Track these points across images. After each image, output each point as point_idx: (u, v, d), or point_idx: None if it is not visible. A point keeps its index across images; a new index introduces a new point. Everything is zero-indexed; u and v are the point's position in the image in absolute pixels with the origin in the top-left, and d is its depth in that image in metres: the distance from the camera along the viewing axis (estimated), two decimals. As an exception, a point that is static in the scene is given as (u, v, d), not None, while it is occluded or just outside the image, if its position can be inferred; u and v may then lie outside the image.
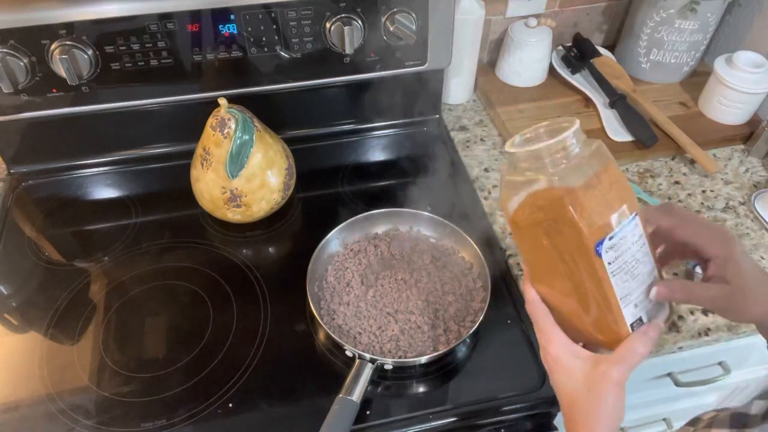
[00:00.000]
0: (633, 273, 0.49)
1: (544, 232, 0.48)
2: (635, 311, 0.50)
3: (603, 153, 0.48)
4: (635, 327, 0.50)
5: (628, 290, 0.49)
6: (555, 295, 0.52)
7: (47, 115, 0.86)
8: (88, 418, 0.67)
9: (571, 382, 0.50)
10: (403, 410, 0.69)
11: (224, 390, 0.70)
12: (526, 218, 0.49)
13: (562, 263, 0.48)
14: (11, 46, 0.77)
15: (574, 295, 0.50)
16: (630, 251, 0.48)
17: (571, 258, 0.47)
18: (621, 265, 0.48)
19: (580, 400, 0.49)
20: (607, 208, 0.46)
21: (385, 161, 1.02)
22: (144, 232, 0.88)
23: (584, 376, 0.49)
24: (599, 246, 0.46)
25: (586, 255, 0.46)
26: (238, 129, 0.78)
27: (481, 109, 1.11)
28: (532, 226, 0.49)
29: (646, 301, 0.51)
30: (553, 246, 0.48)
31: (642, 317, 0.51)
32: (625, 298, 0.49)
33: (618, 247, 0.47)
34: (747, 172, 0.98)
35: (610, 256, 0.46)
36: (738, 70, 0.97)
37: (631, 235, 0.48)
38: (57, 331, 0.76)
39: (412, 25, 0.85)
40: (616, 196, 0.47)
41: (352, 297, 0.76)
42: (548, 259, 0.49)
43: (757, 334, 0.78)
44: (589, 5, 1.13)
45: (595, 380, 0.48)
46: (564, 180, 0.45)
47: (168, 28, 0.80)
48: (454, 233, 0.82)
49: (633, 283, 0.49)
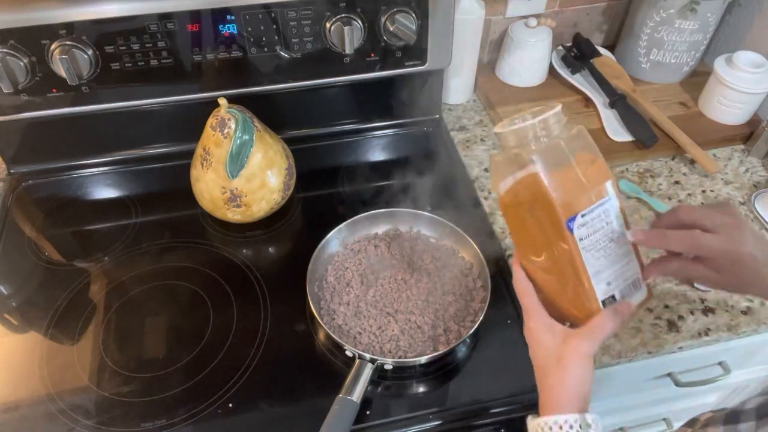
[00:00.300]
0: (606, 252, 0.52)
1: (527, 209, 0.51)
2: (607, 289, 0.52)
3: (583, 136, 0.51)
4: (607, 304, 0.52)
5: (600, 267, 0.51)
6: (538, 273, 0.55)
7: (47, 115, 0.86)
8: (88, 418, 0.67)
9: (545, 353, 0.54)
10: (403, 410, 0.69)
11: (224, 390, 0.70)
12: (512, 197, 0.52)
13: (542, 239, 0.52)
14: (11, 46, 0.77)
15: (554, 272, 0.53)
16: (603, 231, 0.51)
17: (548, 234, 0.51)
18: (593, 243, 0.51)
19: (551, 370, 0.52)
20: (581, 188, 0.49)
21: (385, 161, 1.02)
22: (144, 232, 0.88)
23: (555, 348, 0.53)
24: (571, 222, 0.49)
25: (560, 230, 0.49)
26: (238, 129, 0.78)
27: (481, 109, 1.11)
28: (518, 204, 0.52)
29: (621, 282, 0.53)
30: (535, 223, 0.51)
31: (615, 295, 0.53)
32: (596, 274, 0.51)
33: (591, 225, 0.50)
34: (747, 172, 0.98)
35: (581, 232, 0.50)
36: (738, 70, 0.97)
37: (605, 215, 0.51)
38: (57, 331, 0.76)
39: (412, 25, 0.85)
40: (592, 177, 0.50)
41: (352, 297, 0.76)
42: (531, 236, 0.53)
43: (757, 334, 0.78)
44: (589, 5, 1.13)
45: (564, 352, 0.52)
46: (543, 157, 0.49)
47: (168, 28, 0.80)
48: (454, 233, 0.82)
49: (605, 261, 0.52)
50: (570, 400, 0.51)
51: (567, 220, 0.49)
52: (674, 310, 0.78)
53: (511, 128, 0.50)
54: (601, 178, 0.50)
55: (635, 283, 0.54)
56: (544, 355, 0.54)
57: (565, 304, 0.54)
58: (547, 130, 0.50)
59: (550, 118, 0.50)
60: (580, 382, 0.51)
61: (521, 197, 0.51)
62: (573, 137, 0.50)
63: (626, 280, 0.54)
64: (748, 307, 0.78)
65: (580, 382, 0.51)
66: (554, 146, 0.49)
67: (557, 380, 0.52)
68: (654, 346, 0.75)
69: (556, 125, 0.50)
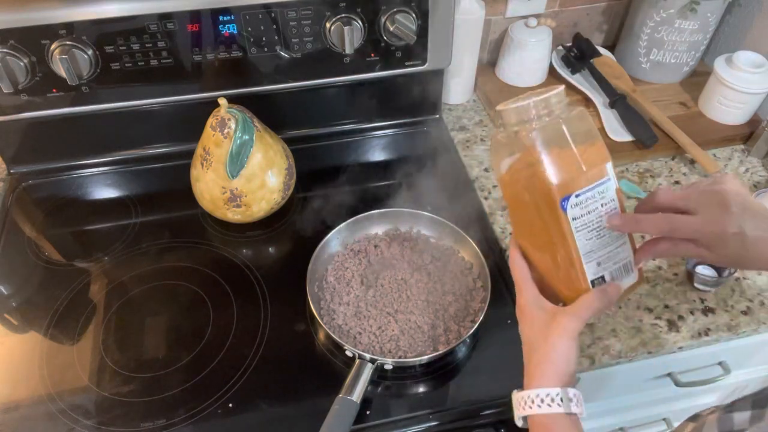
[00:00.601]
0: (599, 233, 0.52)
1: (524, 186, 0.52)
2: (597, 269, 0.53)
3: (583, 118, 0.52)
4: (596, 284, 0.53)
5: (591, 248, 0.52)
6: (533, 252, 0.56)
7: (47, 115, 0.86)
8: (88, 418, 0.67)
9: (532, 330, 0.55)
10: (403, 410, 0.69)
11: (224, 390, 0.70)
12: (511, 176, 0.53)
13: (537, 218, 0.52)
14: (11, 46, 0.77)
15: (547, 251, 0.54)
16: (597, 212, 0.52)
17: (543, 212, 0.51)
18: (586, 223, 0.51)
19: (537, 346, 0.54)
20: (577, 168, 0.50)
21: (385, 161, 1.02)
22: (144, 232, 0.88)
23: (543, 325, 0.54)
24: (564, 201, 0.50)
25: (553, 209, 0.50)
26: (238, 129, 0.78)
27: (481, 109, 1.11)
28: (516, 182, 0.53)
29: (612, 264, 0.54)
30: (531, 201, 0.52)
31: (605, 276, 0.54)
32: (587, 254, 0.52)
33: (584, 205, 0.51)
34: (747, 172, 0.98)
35: (575, 212, 0.50)
36: (738, 70, 0.97)
37: (599, 197, 0.51)
38: (57, 331, 0.76)
39: (412, 25, 0.85)
40: (590, 158, 0.50)
41: (352, 297, 0.76)
42: (528, 215, 0.54)
43: (757, 334, 0.78)
44: (589, 5, 1.13)
45: (550, 329, 0.53)
46: (541, 136, 0.49)
47: (168, 28, 0.80)
48: (454, 233, 0.82)
49: (597, 242, 0.52)
50: (553, 375, 0.52)
51: (561, 199, 0.49)
52: (674, 310, 0.78)
53: (512, 106, 0.51)
54: (599, 160, 0.51)
55: (626, 267, 0.55)
56: (532, 331, 0.55)
57: (557, 283, 0.55)
58: (548, 109, 0.50)
59: (552, 97, 0.50)
60: (564, 359, 0.52)
61: (519, 175, 0.52)
62: (574, 118, 0.51)
63: (617, 262, 0.54)
64: (748, 307, 0.78)
65: (564, 358, 0.52)
66: (553, 126, 0.50)
67: (542, 355, 0.53)
68: (654, 346, 0.75)
69: (557, 105, 0.51)
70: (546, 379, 0.52)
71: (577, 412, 0.51)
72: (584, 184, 0.50)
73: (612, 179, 0.52)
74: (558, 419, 0.50)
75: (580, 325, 0.52)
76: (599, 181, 0.51)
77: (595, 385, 0.87)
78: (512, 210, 0.57)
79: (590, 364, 0.74)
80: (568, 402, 0.50)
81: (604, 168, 0.51)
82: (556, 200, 0.49)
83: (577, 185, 0.50)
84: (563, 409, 0.50)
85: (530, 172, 0.50)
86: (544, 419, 0.51)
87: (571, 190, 0.50)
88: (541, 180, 0.49)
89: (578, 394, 0.52)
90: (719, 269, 0.79)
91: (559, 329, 0.52)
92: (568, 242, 0.51)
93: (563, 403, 0.50)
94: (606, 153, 0.52)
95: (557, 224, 0.51)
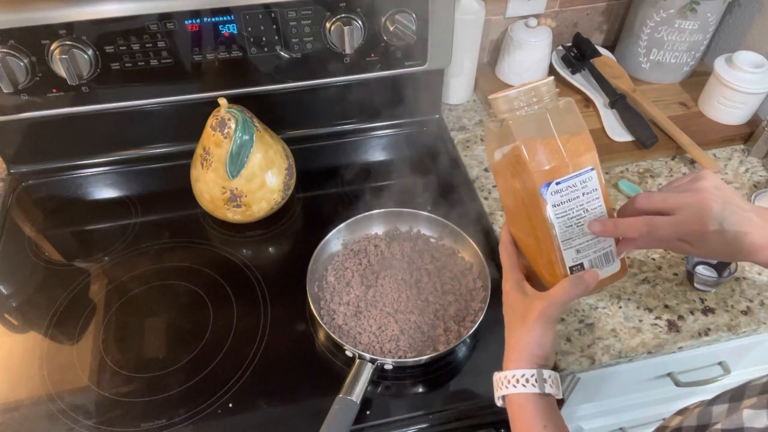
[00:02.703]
0: (579, 221, 0.54)
1: (511, 173, 0.54)
2: (577, 256, 0.54)
3: (570, 109, 0.53)
4: (574, 271, 0.55)
5: (571, 235, 0.54)
6: (521, 238, 0.58)
7: (47, 115, 0.86)
8: (88, 418, 0.67)
9: (514, 313, 0.57)
10: (403, 410, 0.69)
11: (224, 390, 0.70)
12: (500, 163, 0.55)
13: (522, 204, 0.54)
14: (11, 46, 0.77)
15: (532, 236, 0.55)
16: (578, 200, 0.53)
17: (526, 198, 0.53)
18: (566, 210, 0.53)
19: (516, 328, 0.56)
20: (559, 156, 0.51)
21: (385, 161, 1.02)
22: (144, 232, 0.88)
23: (523, 309, 0.55)
24: (545, 188, 0.51)
25: (534, 195, 0.52)
26: (238, 129, 0.78)
27: (481, 109, 1.11)
28: (505, 169, 0.54)
29: (592, 252, 0.55)
30: (519, 187, 0.53)
31: (584, 264, 0.55)
32: (566, 241, 0.54)
33: (565, 193, 0.52)
34: (747, 172, 0.98)
35: (555, 199, 0.52)
36: (738, 70, 0.97)
37: (581, 185, 0.53)
38: (57, 331, 0.76)
39: (412, 25, 0.85)
40: (574, 147, 0.52)
41: (352, 297, 0.76)
42: (516, 201, 0.55)
43: (757, 334, 0.78)
44: (589, 5, 1.13)
45: (529, 312, 0.54)
46: (526, 124, 0.51)
47: (168, 28, 0.80)
48: (454, 233, 0.82)
49: (577, 229, 0.54)
50: (530, 357, 0.54)
51: (541, 186, 0.51)
52: (674, 310, 0.78)
53: (501, 95, 0.52)
54: (583, 150, 0.52)
55: (607, 256, 0.56)
56: (513, 315, 0.57)
57: (541, 269, 0.57)
58: (537, 98, 0.52)
59: (540, 86, 0.52)
60: (539, 342, 0.54)
61: (507, 162, 0.53)
62: (560, 108, 0.52)
63: (597, 251, 0.55)
64: (748, 307, 0.78)
65: (539, 342, 0.54)
66: (539, 115, 0.51)
67: (520, 338, 0.55)
68: (654, 346, 0.75)
69: (546, 95, 0.52)
70: (522, 361, 0.54)
71: (552, 393, 0.53)
72: (565, 172, 0.52)
73: (595, 170, 0.53)
74: (533, 399, 0.52)
75: (556, 310, 0.54)
76: (581, 170, 0.52)
77: (595, 385, 0.87)
78: (503, 197, 0.59)
79: (590, 364, 0.74)
80: (543, 382, 0.52)
81: (587, 158, 0.52)
82: (536, 186, 0.51)
83: (559, 173, 0.51)
84: (538, 390, 0.52)
85: (515, 158, 0.52)
86: (520, 398, 0.53)
87: (552, 177, 0.51)
88: (524, 166, 0.51)
89: (554, 375, 0.53)
90: (719, 269, 0.79)
91: (536, 313, 0.54)
92: (547, 227, 0.53)
93: (537, 383, 0.52)
94: (591, 144, 0.53)
95: (538, 210, 0.52)
